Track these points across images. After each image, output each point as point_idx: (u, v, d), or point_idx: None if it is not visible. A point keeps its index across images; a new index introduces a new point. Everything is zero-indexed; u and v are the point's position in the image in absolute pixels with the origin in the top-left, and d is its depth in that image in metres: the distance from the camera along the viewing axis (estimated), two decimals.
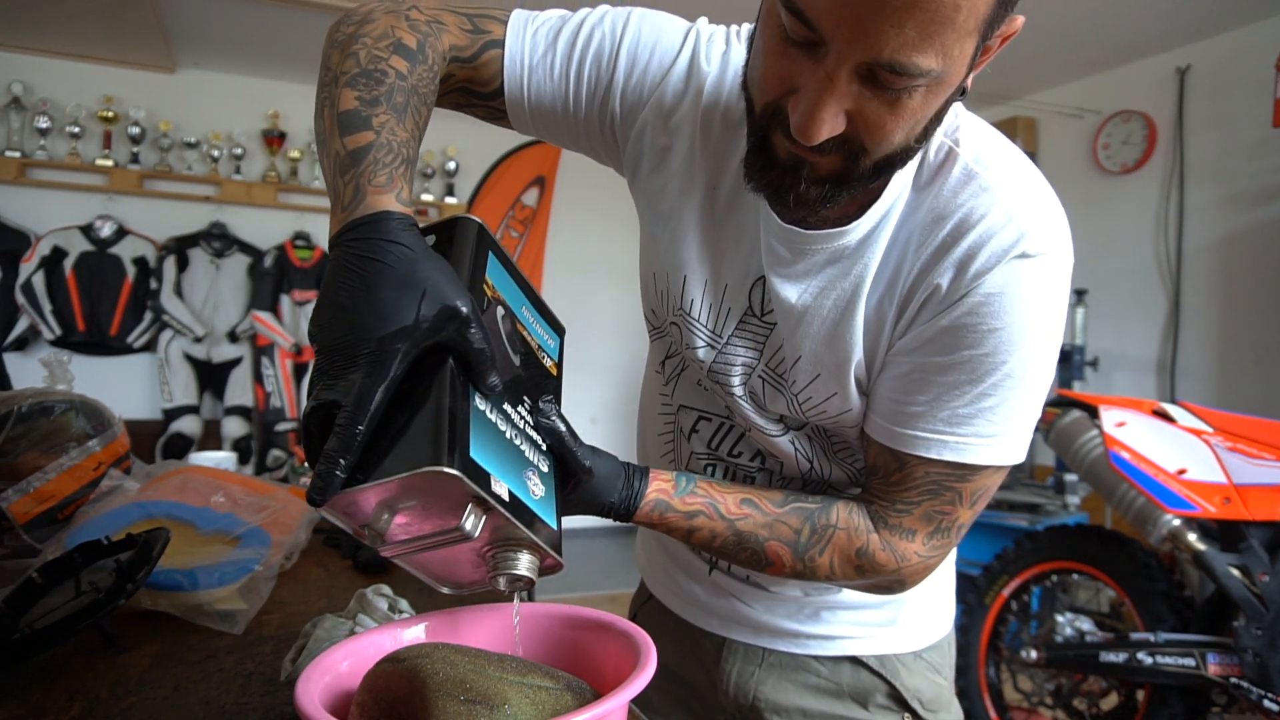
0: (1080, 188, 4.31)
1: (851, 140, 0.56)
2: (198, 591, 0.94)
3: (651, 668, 0.53)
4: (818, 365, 0.70)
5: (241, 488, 1.16)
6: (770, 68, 0.57)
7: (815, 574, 0.71)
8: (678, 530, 0.71)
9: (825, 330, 0.69)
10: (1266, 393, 3.42)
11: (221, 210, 4.32)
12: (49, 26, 3.72)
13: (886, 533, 0.70)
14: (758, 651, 0.86)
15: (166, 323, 4.07)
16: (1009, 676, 2.43)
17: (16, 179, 3.94)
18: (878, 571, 0.70)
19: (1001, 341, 0.63)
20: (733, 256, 0.73)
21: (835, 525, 0.70)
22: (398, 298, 0.51)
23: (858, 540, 0.70)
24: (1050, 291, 0.64)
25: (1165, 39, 3.73)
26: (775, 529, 0.70)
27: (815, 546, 0.70)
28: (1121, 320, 4.03)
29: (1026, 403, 0.66)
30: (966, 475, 0.67)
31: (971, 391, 0.64)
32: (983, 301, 0.62)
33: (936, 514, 0.69)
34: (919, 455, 0.66)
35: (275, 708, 0.73)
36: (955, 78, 0.55)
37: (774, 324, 0.72)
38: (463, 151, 4.76)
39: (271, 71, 4.41)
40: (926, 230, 0.65)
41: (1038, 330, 0.64)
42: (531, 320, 0.67)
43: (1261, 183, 3.48)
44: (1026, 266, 0.62)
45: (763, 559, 0.71)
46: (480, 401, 0.55)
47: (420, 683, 0.50)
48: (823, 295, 0.68)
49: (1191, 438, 2.07)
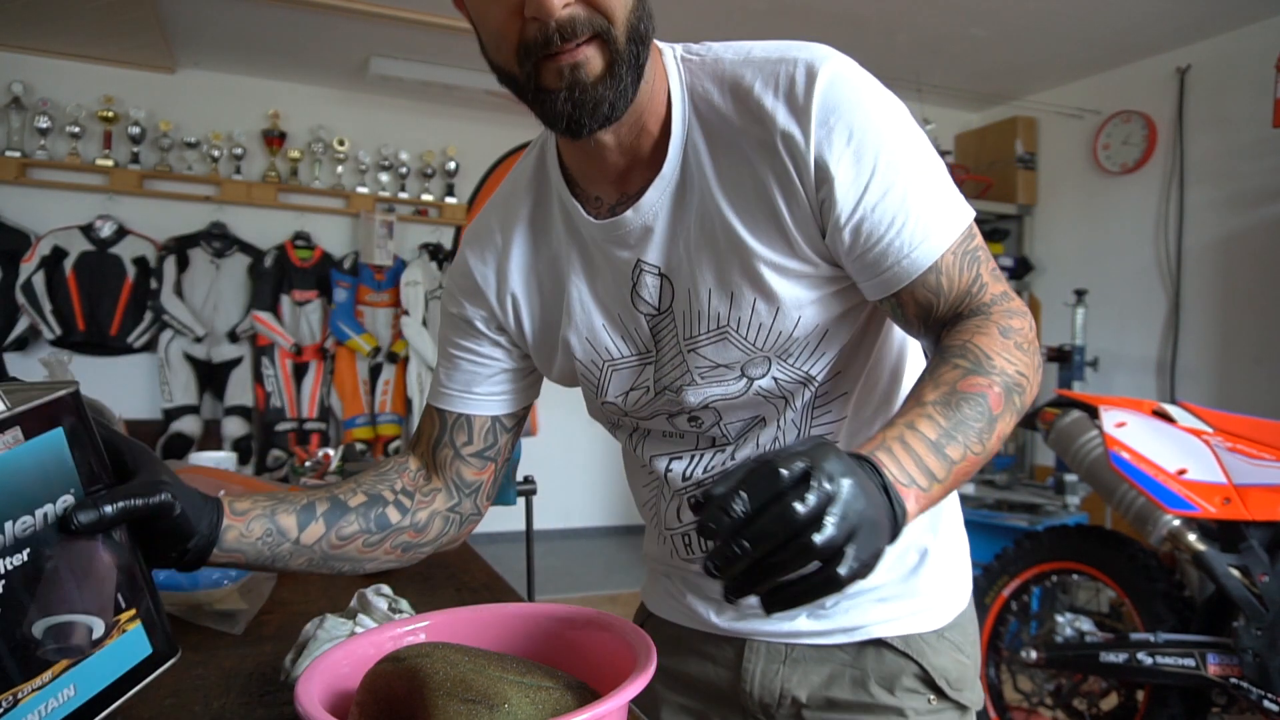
0: (1080, 188, 4.31)
1: (592, 14, 0.62)
2: (198, 591, 0.94)
3: (651, 668, 0.53)
4: (725, 285, 0.72)
5: (241, 487, 1.16)
6: (497, 13, 0.63)
7: (1020, 378, 0.67)
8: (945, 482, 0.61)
9: (707, 256, 0.72)
10: (1266, 393, 3.42)
11: (221, 210, 4.31)
12: (49, 26, 3.72)
13: (984, 318, 0.69)
14: (780, 648, 0.85)
15: (166, 323, 4.07)
16: (1009, 677, 2.42)
17: (16, 179, 3.94)
18: (1021, 331, 0.69)
19: (877, 134, 0.67)
20: (602, 285, 0.78)
21: (968, 347, 0.66)
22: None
23: (991, 332, 0.67)
24: (860, 74, 0.69)
25: (1165, 39, 3.73)
26: (970, 391, 0.63)
27: (990, 367, 0.65)
28: (1121, 320, 4.03)
29: (931, 157, 0.70)
30: (963, 245, 0.70)
31: (900, 192, 0.67)
32: (830, 111, 0.66)
33: (980, 284, 0.71)
34: (928, 264, 0.68)
35: (275, 708, 0.73)
36: None
37: (670, 302, 0.75)
38: (463, 152, 4.76)
39: (271, 71, 4.41)
40: (737, 117, 0.70)
41: (883, 103, 0.69)
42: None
43: (1261, 183, 3.48)
44: (829, 68, 0.67)
45: (994, 419, 0.64)
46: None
47: (420, 682, 0.50)
48: (677, 236, 0.73)
49: (1191, 438, 2.07)
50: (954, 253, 0.68)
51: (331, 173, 4.56)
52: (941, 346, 0.68)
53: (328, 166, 4.57)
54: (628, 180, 0.73)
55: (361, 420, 4.50)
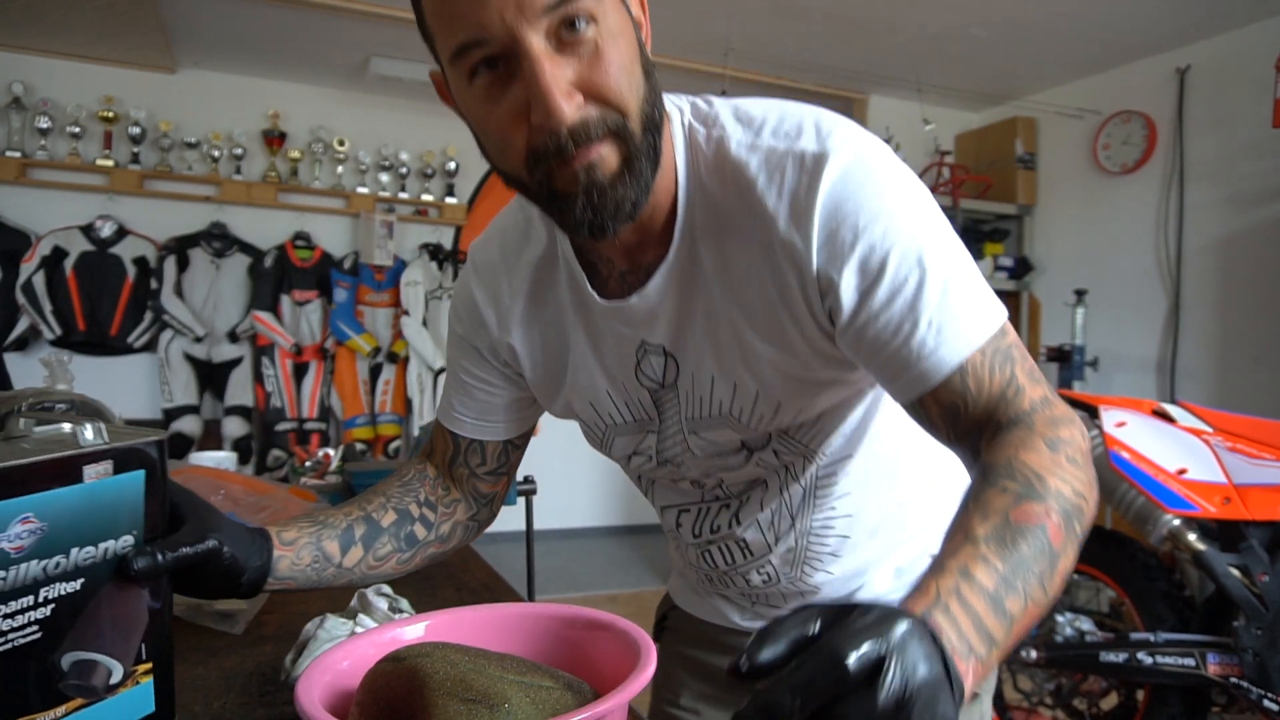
0: (1080, 188, 4.31)
1: (604, 110, 0.59)
2: None
3: (651, 668, 0.53)
4: (728, 376, 0.71)
5: (242, 487, 1.17)
6: (499, 117, 0.59)
7: (1078, 497, 0.57)
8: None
9: (711, 346, 0.71)
10: (1266, 393, 3.42)
11: (221, 210, 4.31)
12: (49, 26, 3.72)
13: (1026, 429, 0.60)
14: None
15: (167, 323, 4.07)
16: (1009, 676, 2.42)
17: (17, 179, 3.94)
18: (1072, 443, 0.60)
19: (885, 234, 0.61)
20: (606, 354, 0.76)
21: (1014, 466, 0.57)
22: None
23: (1038, 446, 0.59)
24: (873, 163, 0.63)
25: (1165, 39, 3.73)
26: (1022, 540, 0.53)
27: (1043, 490, 0.56)
28: (1121, 320, 4.03)
29: (954, 253, 0.64)
30: (994, 345, 0.63)
31: (912, 293, 0.62)
32: (833, 216, 0.62)
33: (1014, 387, 0.63)
34: (952, 367, 0.62)
35: (275, 708, 0.73)
36: (612, 8, 0.59)
37: (675, 378, 0.74)
38: (463, 152, 4.76)
39: (271, 71, 4.41)
40: (739, 212, 0.66)
41: (898, 196, 0.63)
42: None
43: (1261, 183, 3.48)
44: (837, 163, 0.62)
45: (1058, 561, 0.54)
46: None
47: (420, 682, 0.50)
48: (683, 320, 0.71)
49: (1191, 438, 2.07)
50: (982, 353, 0.62)
51: (331, 173, 4.56)
52: (983, 465, 0.59)
53: (328, 166, 4.57)
54: (638, 251, 0.71)
55: (361, 420, 4.50)
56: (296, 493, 1.24)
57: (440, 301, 4.57)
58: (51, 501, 0.53)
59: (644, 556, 4.75)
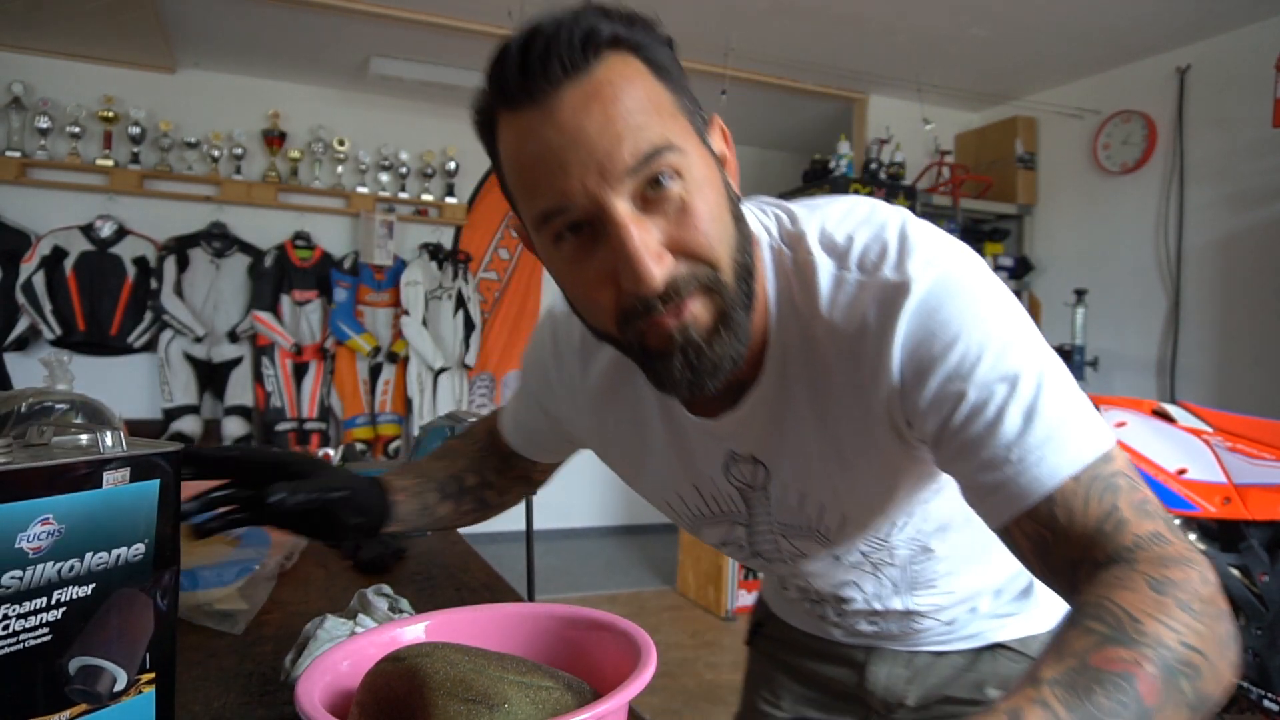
0: (1080, 188, 4.31)
1: (695, 265, 0.58)
2: (198, 591, 0.94)
3: (651, 668, 0.53)
4: (817, 497, 0.72)
5: None
6: (587, 280, 0.59)
7: (1187, 664, 0.47)
8: None
9: (799, 467, 0.70)
10: (1266, 393, 3.41)
11: (221, 210, 4.31)
12: (49, 26, 3.72)
13: (1127, 566, 0.52)
14: (904, 655, 0.89)
15: (167, 323, 4.07)
16: None
17: (17, 179, 3.94)
18: (1185, 586, 0.51)
19: (964, 357, 0.58)
20: (692, 456, 0.76)
21: (1117, 614, 0.49)
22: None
23: (1137, 585, 0.50)
24: (961, 283, 0.60)
25: (1165, 39, 3.73)
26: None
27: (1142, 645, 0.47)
28: (1121, 320, 4.03)
29: (1045, 373, 0.58)
30: (1093, 472, 0.57)
31: (994, 414, 0.58)
32: (916, 345, 0.59)
33: (1116, 520, 0.55)
34: (1038, 495, 0.56)
35: (275, 708, 0.73)
36: (696, 156, 0.58)
37: (765, 482, 0.73)
38: (463, 152, 4.76)
39: (271, 71, 4.41)
40: (824, 338, 0.65)
41: (980, 317, 0.59)
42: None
43: (1261, 183, 3.48)
44: (920, 288, 0.60)
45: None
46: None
47: (420, 682, 0.50)
48: (772, 438, 0.70)
49: (1191, 438, 2.07)
50: (1077, 481, 0.56)
51: (331, 173, 4.56)
52: (1075, 603, 0.52)
53: (328, 166, 4.57)
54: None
55: (361, 420, 4.50)
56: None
57: (440, 301, 4.58)
58: (71, 504, 0.53)
59: (644, 556, 4.75)
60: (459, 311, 4.64)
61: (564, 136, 0.55)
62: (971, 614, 0.85)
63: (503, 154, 0.60)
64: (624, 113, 0.55)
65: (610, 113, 0.55)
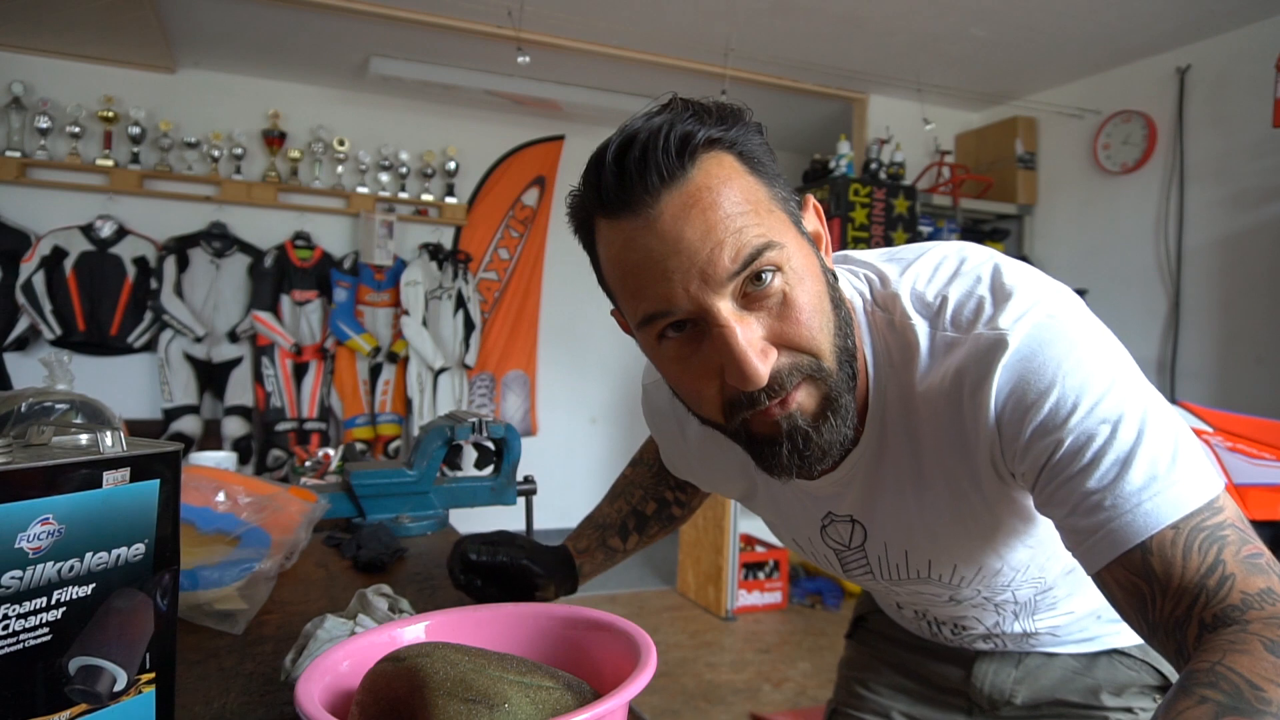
0: (1080, 188, 4.31)
1: (797, 356, 0.58)
2: (198, 591, 0.94)
3: (651, 668, 0.53)
4: (922, 556, 0.73)
5: (242, 487, 1.16)
6: (692, 375, 0.60)
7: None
8: None
9: (902, 529, 0.72)
10: (1267, 393, 3.41)
11: (221, 210, 4.31)
12: (49, 26, 3.72)
13: (1240, 629, 0.50)
14: (1014, 655, 0.89)
15: (166, 323, 4.07)
16: None
17: (16, 179, 3.94)
18: None
19: (1057, 405, 0.58)
20: (791, 512, 0.80)
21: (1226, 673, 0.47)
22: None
23: (1254, 649, 0.48)
24: (1059, 329, 0.60)
25: (1165, 39, 3.73)
26: None
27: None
28: (1121, 320, 4.03)
29: (1145, 419, 0.57)
30: (1194, 522, 0.55)
31: (1087, 460, 0.57)
32: (1013, 397, 0.59)
33: (1221, 575, 0.53)
34: (1129, 543, 0.55)
35: (275, 708, 0.73)
36: (794, 247, 0.59)
37: (863, 542, 0.76)
38: (463, 151, 4.76)
39: (271, 71, 4.41)
40: (922, 397, 0.65)
41: (1075, 366, 0.58)
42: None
43: (1261, 183, 3.48)
44: (1015, 339, 0.60)
45: None
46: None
47: (420, 682, 0.50)
48: (871, 498, 0.71)
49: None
50: (1176, 529, 0.54)
51: (331, 173, 4.56)
52: (1185, 670, 0.49)
53: (328, 166, 4.56)
54: None
55: (361, 420, 4.50)
56: (297, 493, 1.24)
57: (440, 301, 4.58)
58: (71, 504, 0.54)
59: (644, 556, 4.75)
60: (459, 311, 4.65)
61: (665, 245, 0.56)
62: (1095, 621, 0.85)
63: (603, 257, 0.61)
64: (723, 217, 0.56)
65: (710, 219, 0.55)
